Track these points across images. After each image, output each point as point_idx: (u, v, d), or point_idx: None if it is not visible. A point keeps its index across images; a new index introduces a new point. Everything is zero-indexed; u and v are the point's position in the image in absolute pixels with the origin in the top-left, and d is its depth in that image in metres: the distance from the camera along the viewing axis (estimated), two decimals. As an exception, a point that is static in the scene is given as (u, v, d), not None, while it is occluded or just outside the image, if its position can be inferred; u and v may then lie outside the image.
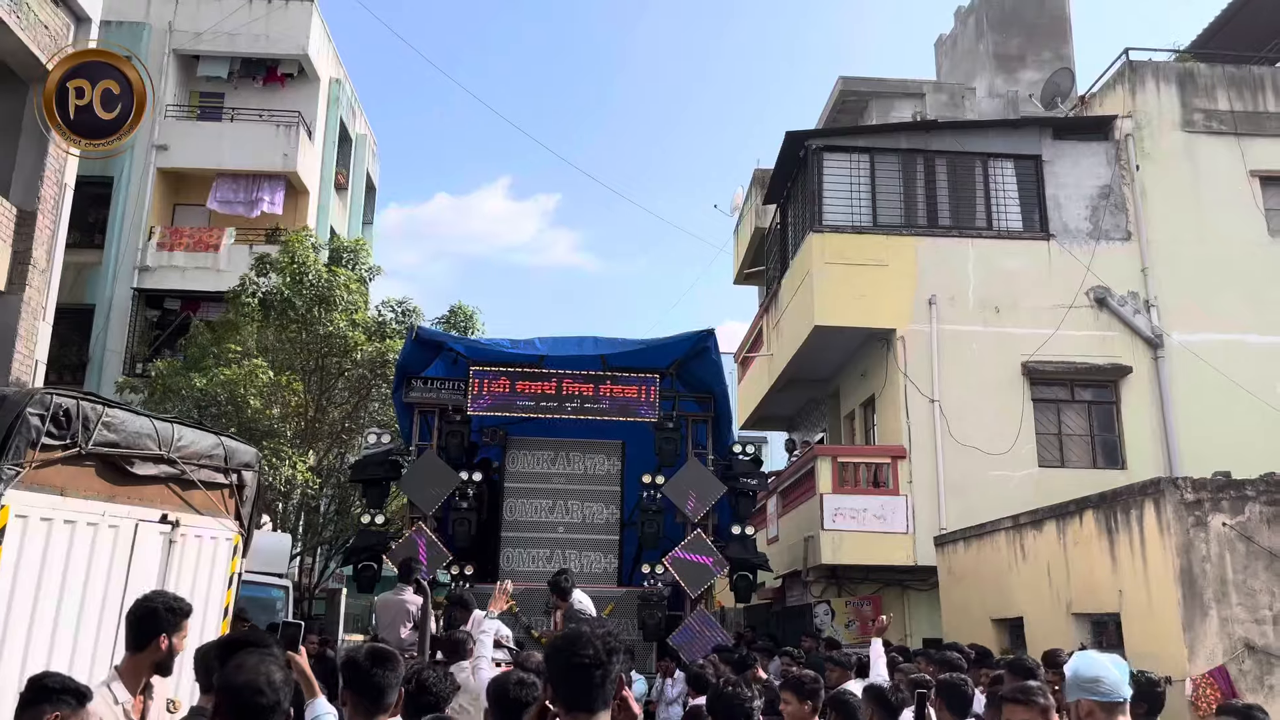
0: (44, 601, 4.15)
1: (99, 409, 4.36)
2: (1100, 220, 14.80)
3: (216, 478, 5.33)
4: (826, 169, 14.86)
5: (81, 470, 4.33)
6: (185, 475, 4.94)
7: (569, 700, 2.31)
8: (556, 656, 2.35)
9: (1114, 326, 14.37)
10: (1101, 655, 3.48)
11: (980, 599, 11.37)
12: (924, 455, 13.73)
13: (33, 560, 4.12)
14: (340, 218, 26.11)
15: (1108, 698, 3.30)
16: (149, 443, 4.68)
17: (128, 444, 4.54)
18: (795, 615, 15.47)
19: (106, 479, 4.49)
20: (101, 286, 21.42)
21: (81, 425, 4.22)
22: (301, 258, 16.48)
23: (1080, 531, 9.45)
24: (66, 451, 4.17)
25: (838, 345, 15.34)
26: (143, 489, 4.73)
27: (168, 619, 3.70)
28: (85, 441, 4.25)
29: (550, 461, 12.78)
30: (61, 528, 4.25)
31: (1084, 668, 3.42)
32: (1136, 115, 15.18)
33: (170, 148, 22.35)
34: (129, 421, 4.59)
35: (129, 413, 4.67)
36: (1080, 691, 3.37)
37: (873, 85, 19.48)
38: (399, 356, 13.04)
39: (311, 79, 24.14)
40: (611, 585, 12.26)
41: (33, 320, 13.34)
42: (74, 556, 4.32)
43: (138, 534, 4.74)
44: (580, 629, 2.40)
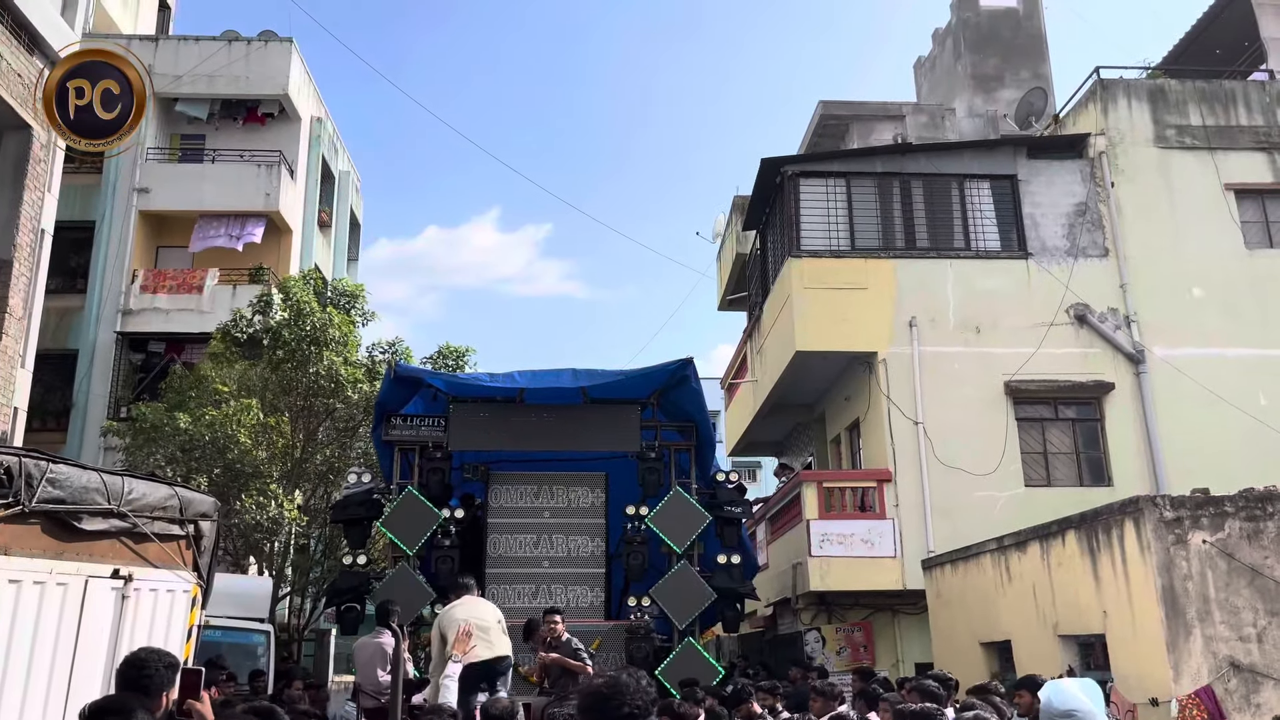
0: (-11, 664, 4.08)
1: (42, 465, 4.29)
2: (1078, 238, 14.85)
3: (171, 529, 5.25)
4: (803, 194, 14.91)
5: (26, 529, 4.26)
6: (137, 529, 4.87)
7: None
8: (602, 706, 2.38)
9: (1095, 343, 14.39)
10: (1072, 683, 3.45)
11: (968, 622, 11.29)
12: (909, 478, 13.68)
13: (-25, 623, 4.05)
14: (325, 255, 26.12)
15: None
16: (97, 497, 4.61)
17: (74, 499, 4.48)
18: (787, 643, 15.34)
19: (53, 536, 4.42)
20: (84, 331, 21.35)
21: (25, 483, 4.15)
22: (297, 297, 16.45)
23: (1063, 552, 9.41)
24: (9, 510, 4.10)
25: (820, 370, 15.32)
26: (92, 544, 4.66)
27: (167, 676, 3.71)
28: (29, 499, 4.18)
29: (533, 496, 12.67)
30: (6, 588, 4.16)
31: (1057, 700, 3.38)
32: (1109, 132, 15.28)
33: (152, 190, 22.37)
34: (75, 476, 4.52)
35: (76, 468, 4.60)
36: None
37: (853, 109, 19.61)
38: (378, 394, 12.97)
39: (293, 118, 24.23)
40: (599, 619, 12.12)
41: (10, 368, 13.26)
42: (20, 617, 4.22)
43: (88, 591, 4.66)
44: (622, 678, 2.45)
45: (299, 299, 15.98)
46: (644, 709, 2.37)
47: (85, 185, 21.84)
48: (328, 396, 15.78)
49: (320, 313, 15.99)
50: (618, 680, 2.46)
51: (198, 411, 14.65)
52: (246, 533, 14.47)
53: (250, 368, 16.03)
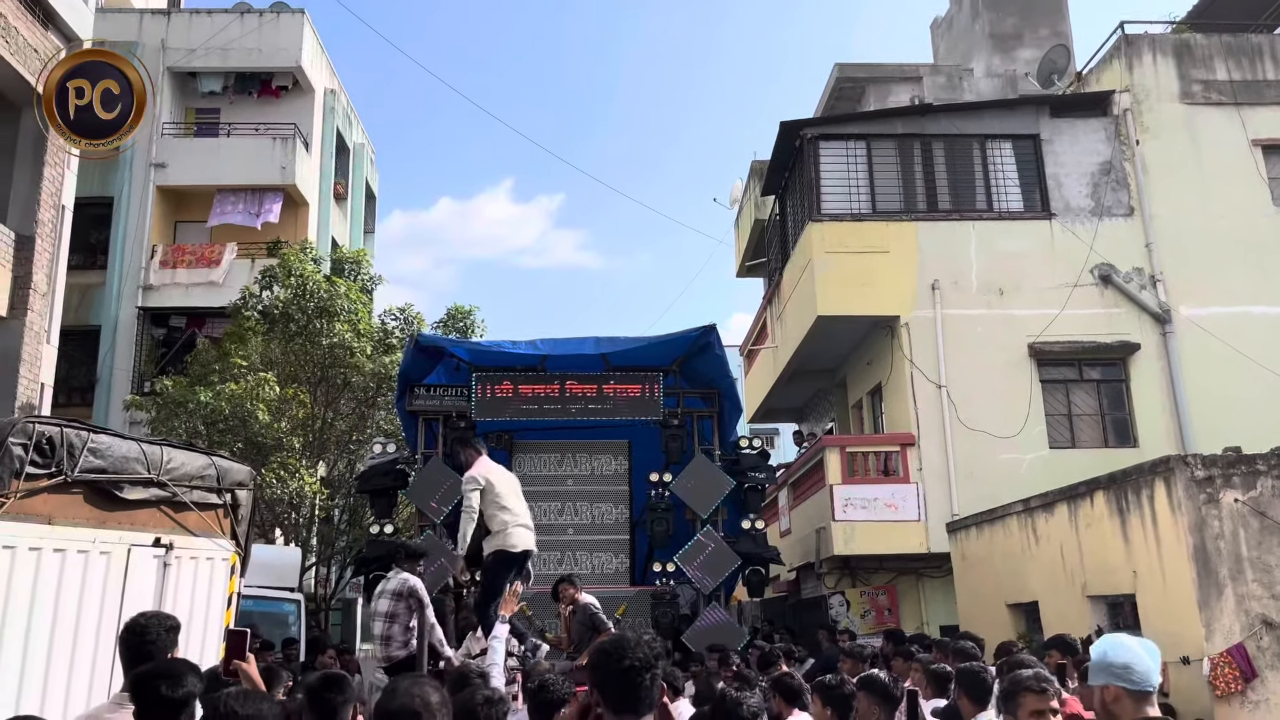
0: (37, 632, 4.12)
1: (84, 435, 4.33)
2: (1102, 197, 14.67)
3: (209, 498, 5.29)
4: (823, 158, 14.77)
5: (69, 498, 4.30)
6: (177, 497, 4.91)
7: (617, 703, 2.39)
8: (605, 661, 2.42)
9: (1120, 304, 14.25)
10: (1132, 640, 3.33)
11: (995, 584, 11.29)
12: (933, 441, 13.64)
13: (23, 591, 4.09)
14: (341, 228, 26.11)
15: (1138, 686, 3.16)
16: (137, 467, 4.64)
17: (115, 469, 4.51)
18: (810, 607, 15.40)
19: (95, 505, 4.46)
20: (106, 307, 21.47)
21: (66, 453, 4.18)
22: (299, 270, 16.48)
23: (1092, 513, 9.37)
24: (52, 480, 4.14)
25: (842, 334, 15.25)
26: (134, 513, 4.70)
27: (169, 639, 3.67)
28: (71, 469, 4.22)
29: (557, 464, 12.75)
30: (51, 557, 4.22)
31: (1115, 652, 3.27)
32: (1134, 89, 15.04)
33: (169, 165, 22.39)
34: (116, 446, 4.55)
35: (116, 437, 4.64)
36: (1108, 676, 3.21)
37: (869, 71, 19.34)
38: (401, 365, 13.01)
39: (306, 90, 24.15)
40: (624, 585, 12.21)
41: (36, 344, 13.36)
42: (65, 585, 4.28)
43: (130, 559, 4.71)
44: (625, 634, 2.50)
45: (302, 271, 16.00)
46: (646, 661, 2.41)
47: (103, 161, 21.86)
48: (342, 368, 15.85)
49: (325, 284, 16.02)
50: (621, 636, 2.52)
51: (219, 386, 14.74)
52: (271, 505, 14.60)
53: (267, 342, 16.10)
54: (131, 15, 23.41)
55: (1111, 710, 3.19)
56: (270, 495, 14.16)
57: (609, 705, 2.40)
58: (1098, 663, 3.31)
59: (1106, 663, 3.25)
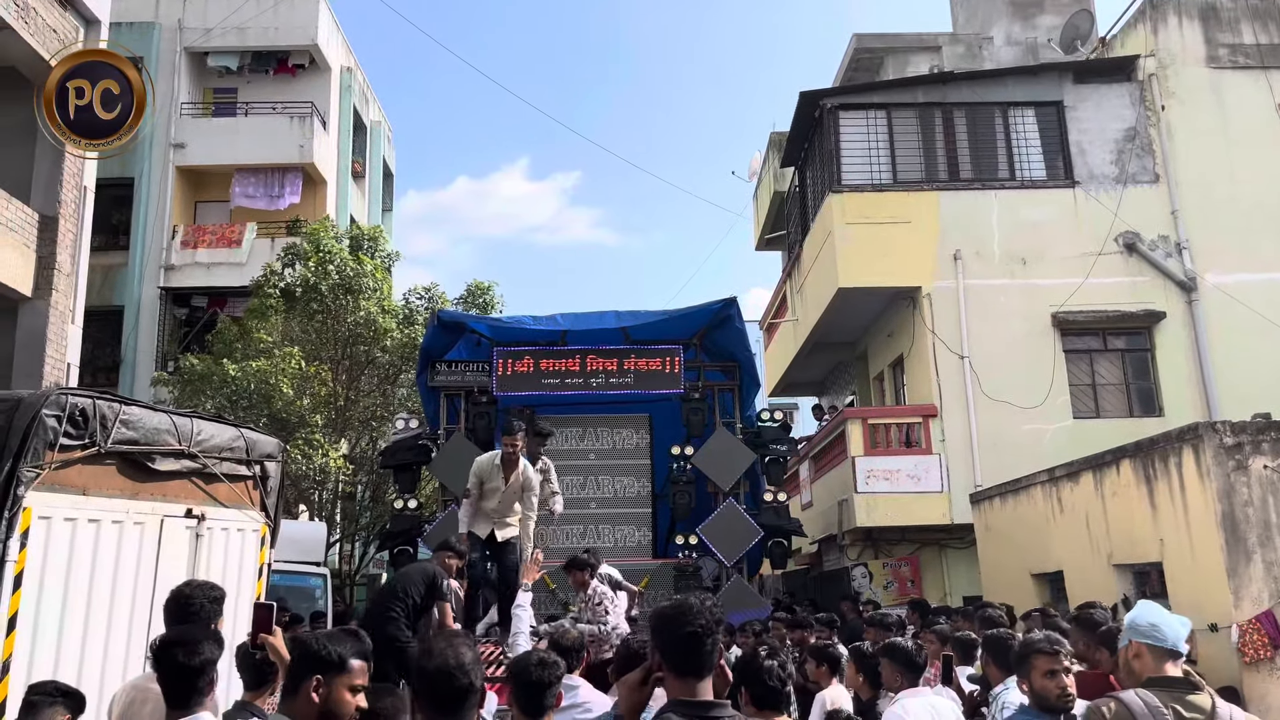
0: (73, 602, 4.18)
1: (116, 407, 4.37)
2: (1126, 164, 14.48)
3: (239, 470, 5.34)
4: (843, 128, 14.64)
5: (102, 469, 4.35)
6: (207, 469, 4.95)
7: (679, 666, 2.45)
8: (668, 625, 2.48)
9: (1145, 272, 14.09)
10: (1164, 610, 3.44)
11: (1018, 554, 11.25)
12: (956, 413, 13.57)
13: (59, 561, 4.14)
14: (359, 206, 26.16)
15: (1161, 643, 3.25)
16: (168, 438, 4.68)
17: (147, 440, 4.55)
18: (833, 579, 15.42)
19: (128, 476, 4.51)
20: (129, 287, 21.63)
21: (99, 424, 4.22)
22: (326, 246, 16.52)
23: (1118, 481, 9.30)
24: (86, 451, 4.18)
25: (863, 306, 15.17)
26: (166, 485, 4.75)
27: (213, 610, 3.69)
28: (104, 440, 4.25)
29: (579, 438, 12.77)
30: (86, 527, 4.27)
31: (1143, 615, 3.41)
32: (1159, 54, 14.80)
33: (188, 145, 22.48)
34: (147, 418, 4.59)
35: (146, 409, 4.67)
36: (1134, 634, 3.32)
37: (887, 41, 19.12)
38: (423, 341, 13.05)
39: (323, 69, 24.15)
40: (646, 558, 12.25)
41: (61, 324, 13.48)
42: (100, 555, 4.34)
43: (164, 530, 4.76)
44: (689, 599, 2.54)
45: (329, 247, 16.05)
46: (708, 626, 2.46)
47: (122, 142, 21.97)
48: (366, 344, 15.90)
49: (351, 261, 16.07)
50: (685, 601, 2.55)
51: (244, 362, 14.84)
52: (296, 481, 14.73)
53: (288, 320, 16.18)
54: (148, -5, 23.40)
55: (1132, 666, 3.28)
56: (295, 471, 14.28)
57: (671, 668, 2.46)
58: (1128, 625, 3.37)
59: (1135, 625, 3.33)
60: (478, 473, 8.83)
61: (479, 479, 8.80)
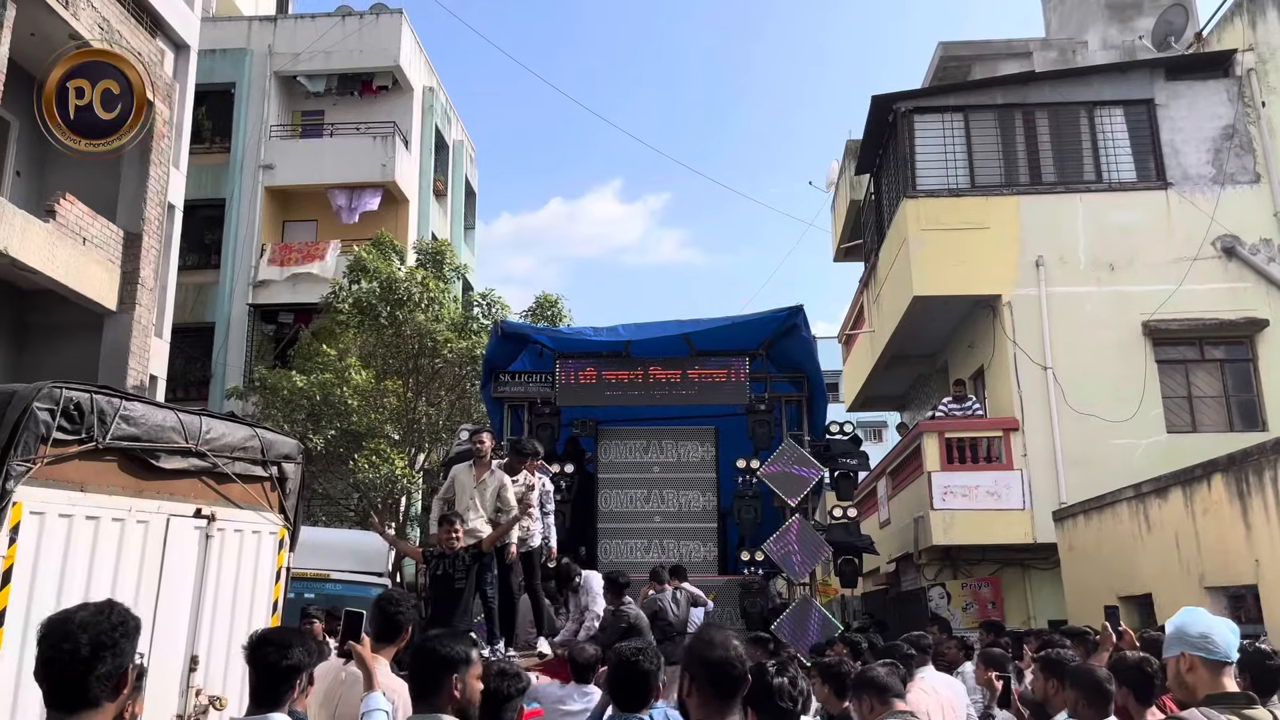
0: (69, 599, 4.12)
1: (115, 403, 4.32)
2: (1224, 164, 13.65)
3: (254, 470, 5.27)
4: (918, 131, 14.17)
5: (102, 465, 4.31)
6: (218, 468, 4.90)
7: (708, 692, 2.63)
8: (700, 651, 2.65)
9: (1245, 277, 13.24)
10: (1208, 614, 3.15)
11: (1105, 576, 10.61)
12: (1039, 426, 12.93)
13: (53, 557, 4.10)
14: (441, 224, 26.54)
15: (1214, 655, 3.01)
16: (174, 436, 4.63)
17: (150, 437, 4.50)
18: (910, 600, 14.84)
19: (131, 474, 4.46)
20: (220, 304, 22.30)
21: (97, 419, 4.18)
22: (374, 264, 16.74)
23: (1209, 498, 8.68)
24: (83, 446, 4.14)
25: (941, 316, 14.63)
26: (173, 483, 4.69)
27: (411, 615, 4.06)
28: (103, 435, 4.21)
29: (643, 450, 12.55)
30: (83, 524, 4.22)
31: (1191, 623, 3.15)
32: (1259, 48, 13.95)
33: (276, 166, 23.13)
34: (150, 414, 4.54)
35: (151, 406, 4.63)
36: (1185, 646, 3.08)
37: (975, 49, 18.49)
38: (485, 351, 13.03)
39: (405, 89, 24.62)
40: (713, 574, 11.94)
41: (144, 337, 13.88)
42: (100, 553, 4.29)
43: (169, 529, 4.71)
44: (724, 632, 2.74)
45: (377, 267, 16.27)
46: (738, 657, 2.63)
47: (215, 165, 22.76)
48: (429, 357, 16.03)
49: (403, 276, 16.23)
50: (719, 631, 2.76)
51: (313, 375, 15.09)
52: (364, 491, 14.87)
53: (358, 334, 16.42)
54: (240, 23, 24.25)
55: (1186, 680, 3.06)
56: (363, 480, 14.41)
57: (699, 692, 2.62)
58: (1172, 634, 3.17)
59: (1183, 634, 3.13)
60: (452, 475, 8.44)
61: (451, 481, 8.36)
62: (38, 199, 12.65)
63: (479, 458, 8.14)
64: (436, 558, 7.11)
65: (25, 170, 13.25)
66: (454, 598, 6.91)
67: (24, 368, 12.09)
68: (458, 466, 8.56)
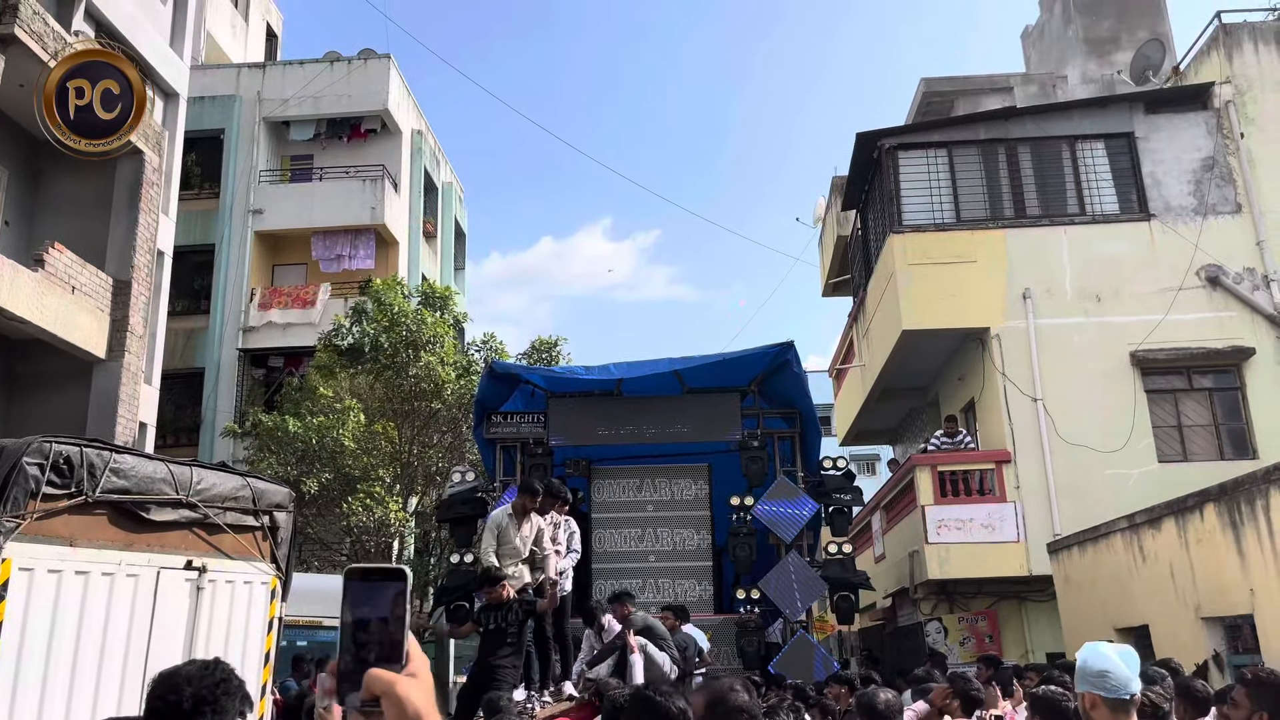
0: (58, 656, 4.06)
1: (105, 455, 4.30)
2: (1205, 194, 13.81)
3: (246, 520, 5.22)
4: (903, 168, 14.31)
5: (92, 519, 4.27)
6: (209, 519, 4.86)
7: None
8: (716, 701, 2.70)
9: (1231, 306, 13.34)
10: (1110, 648, 3.23)
11: (1101, 608, 10.58)
12: (1030, 458, 12.95)
13: (42, 614, 4.04)
14: (431, 265, 26.61)
15: (1114, 694, 3.09)
16: (164, 487, 4.60)
17: (141, 489, 4.47)
18: (908, 635, 14.75)
19: (121, 527, 4.42)
20: (209, 350, 22.24)
21: (87, 472, 4.15)
22: (390, 303, 16.76)
23: (1202, 528, 8.68)
24: (72, 500, 4.11)
25: (930, 349, 14.68)
26: (163, 535, 4.65)
27: None
28: (92, 489, 4.19)
29: (636, 489, 12.52)
30: (73, 579, 4.18)
31: (1091, 660, 3.22)
32: (1236, 80, 14.17)
33: (265, 211, 23.19)
34: (140, 466, 4.52)
35: (141, 458, 4.60)
36: (1086, 685, 3.17)
37: (957, 84, 18.73)
38: (477, 392, 13.02)
39: (394, 132, 24.78)
40: (709, 613, 11.86)
41: (134, 384, 13.82)
42: (89, 608, 4.24)
43: (160, 582, 4.66)
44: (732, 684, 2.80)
45: (391, 302, 16.26)
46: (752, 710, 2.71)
47: (205, 211, 22.82)
48: (429, 399, 15.99)
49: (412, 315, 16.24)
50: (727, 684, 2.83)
51: (307, 419, 15.03)
52: (357, 535, 14.76)
53: (354, 376, 16.38)
54: (229, 70, 24.43)
55: (1092, 718, 3.16)
56: (355, 524, 14.32)
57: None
58: (1078, 670, 3.22)
59: (1084, 672, 3.17)
60: (493, 526, 8.50)
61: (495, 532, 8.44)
62: (26, 248, 12.65)
63: (524, 511, 8.28)
64: (484, 611, 7.46)
65: (14, 219, 13.26)
66: (506, 648, 7.26)
67: (13, 418, 12.02)
68: (496, 514, 8.62)
